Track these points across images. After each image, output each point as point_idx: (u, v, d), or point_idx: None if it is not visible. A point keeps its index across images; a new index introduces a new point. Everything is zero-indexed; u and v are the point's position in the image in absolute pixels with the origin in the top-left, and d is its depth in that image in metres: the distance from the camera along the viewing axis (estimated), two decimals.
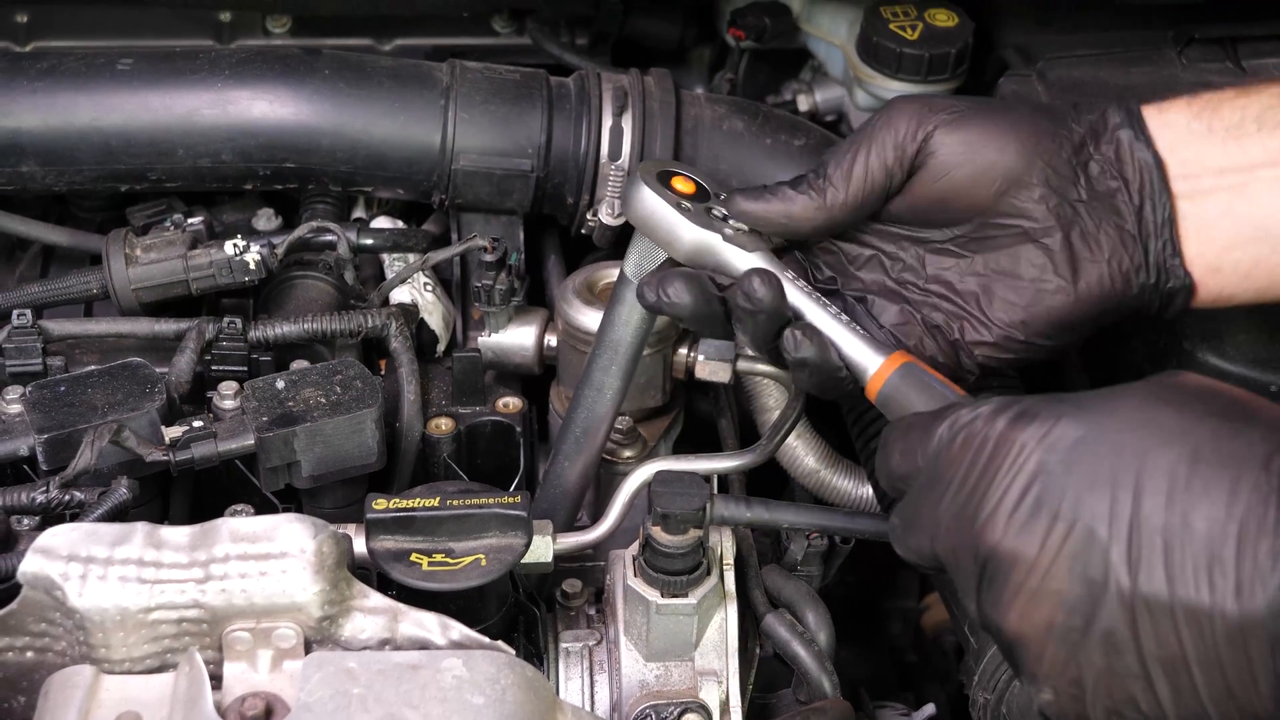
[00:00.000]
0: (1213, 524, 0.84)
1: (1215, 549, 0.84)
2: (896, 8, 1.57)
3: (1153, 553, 0.85)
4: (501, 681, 0.97)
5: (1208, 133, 1.08)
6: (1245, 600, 0.83)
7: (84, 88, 1.39)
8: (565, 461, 1.23)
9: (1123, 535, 0.86)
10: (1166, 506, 0.85)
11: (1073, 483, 0.88)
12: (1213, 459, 0.85)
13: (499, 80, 1.43)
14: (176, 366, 1.26)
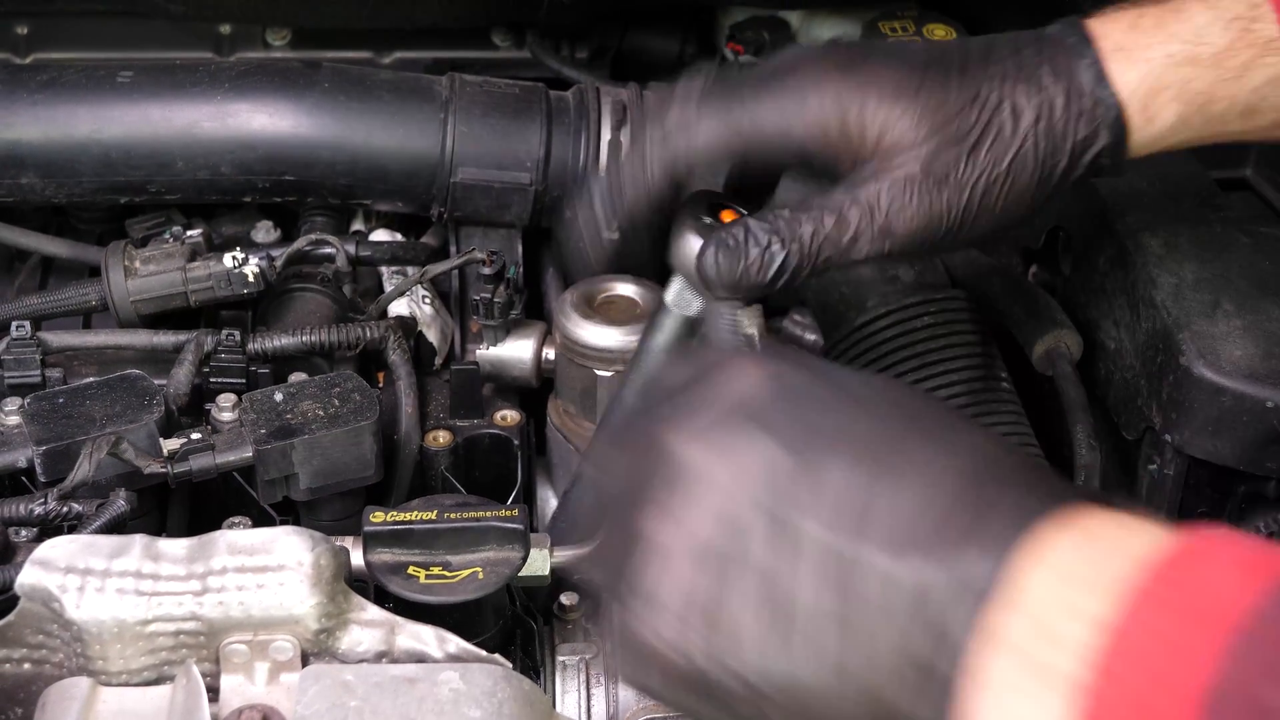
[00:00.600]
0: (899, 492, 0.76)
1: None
2: (895, 23, 1.58)
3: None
4: (498, 695, 0.97)
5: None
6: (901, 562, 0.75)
7: (84, 100, 1.39)
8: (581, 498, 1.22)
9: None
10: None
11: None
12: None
13: (498, 94, 1.43)
14: (175, 378, 1.26)
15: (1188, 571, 0.69)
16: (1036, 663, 0.70)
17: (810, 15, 1.65)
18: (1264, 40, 1.04)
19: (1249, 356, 1.21)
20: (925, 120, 1.04)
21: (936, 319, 1.40)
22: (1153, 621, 0.67)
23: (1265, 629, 0.65)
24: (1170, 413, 1.24)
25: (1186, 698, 0.65)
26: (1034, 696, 0.69)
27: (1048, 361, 1.35)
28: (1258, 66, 1.05)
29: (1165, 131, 1.07)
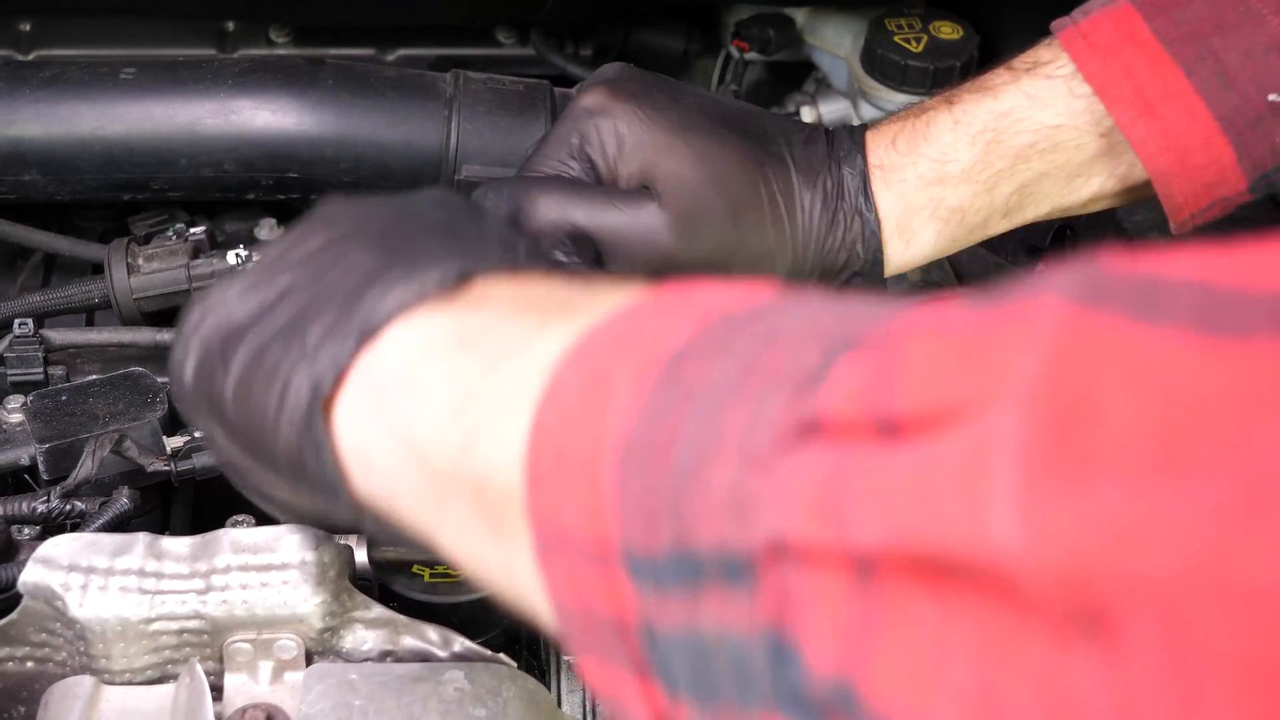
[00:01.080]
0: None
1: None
2: (901, 20, 1.58)
3: None
4: (503, 694, 0.97)
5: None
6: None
7: (86, 97, 1.39)
8: None
9: None
10: None
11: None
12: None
13: (503, 91, 1.42)
14: None
15: (672, 294, 0.69)
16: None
17: (816, 12, 1.65)
18: (1014, 151, 1.07)
19: None
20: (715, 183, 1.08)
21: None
22: (623, 324, 0.68)
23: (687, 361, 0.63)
24: None
25: (650, 362, 0.64)
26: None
27: None
28: (1010, 174, 1.08)
29: (925, 249, 1.11)
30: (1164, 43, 1.03)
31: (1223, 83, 1.02)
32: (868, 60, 1.57)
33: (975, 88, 1.10)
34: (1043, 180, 1.09)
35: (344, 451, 0.80)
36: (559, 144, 1.11)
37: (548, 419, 0.67)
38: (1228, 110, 1.02)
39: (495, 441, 0.70)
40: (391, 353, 0.78)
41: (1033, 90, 1.07)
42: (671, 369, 0.63)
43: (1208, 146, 1.03)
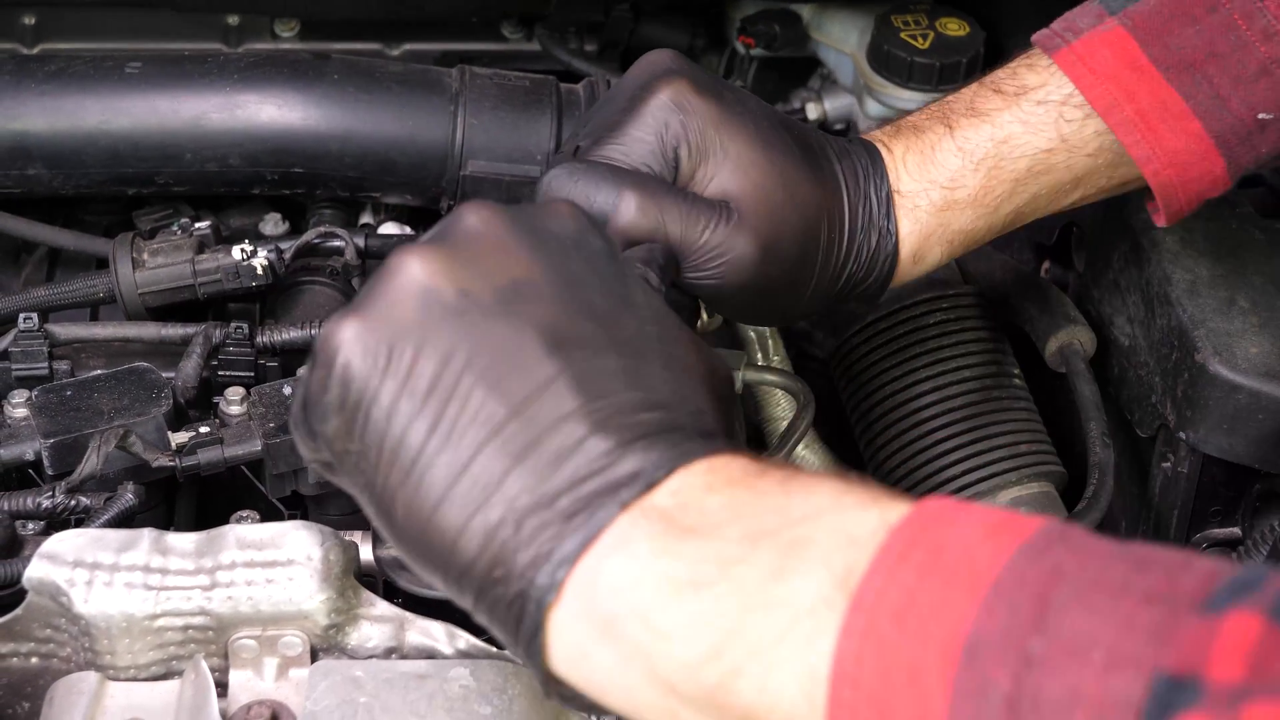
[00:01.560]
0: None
1: None
2: (908, 16, 1.57)
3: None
4: (509, 691, 0.97)
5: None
6: None
7: (91, 91, 1.39)
8: None
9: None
10: None
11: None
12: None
13: (508, 86, 1.42)
14: (183, 371, 1.25)
15: (933, 533, 0.70)
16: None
17: (822, 8, 1.64)
18: (1014, 176, 1.12)
19: (1265, 354, 1.21)
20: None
21: (948, 315, 1.39)
22: (904, 578, 0.69)
23: (1018, 583, 0.66)
24: (1185, 410, 1.23)
25: (947, 649, 0.66)
26: None
27: (1061, 359, 1.34)
28: (1009, 198, 1.13)
29: (929, 268, 1.15)
30: (1161, 69, 1.09)
31: (1218, 104, 1.09)
32: (874, 56, 1.56)
33: (970, 112, 1.13)
34: (1035, 200, 1.14)
35: (554, 648, 0.77)
36: (644, 131, 1.05)
37: (847, 698, 0.69)
38: (1222, 129, 1.10)
39: (763, 686, 0.71)
40: (614, 574, 0.75)
41: (1026, 116, 1.12)
42: (971, 663, 0.65)
43: (1204, 161, 1.11)
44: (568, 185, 1.03)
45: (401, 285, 0.81)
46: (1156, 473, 1.29)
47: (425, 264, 0.82)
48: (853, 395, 1.41)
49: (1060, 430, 1.38)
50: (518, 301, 0.81)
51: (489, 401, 0.78)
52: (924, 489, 1.33)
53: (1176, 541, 1.30)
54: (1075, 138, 1.11)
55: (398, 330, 0.80)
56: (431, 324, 0.80)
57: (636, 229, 1.02)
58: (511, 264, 0.83)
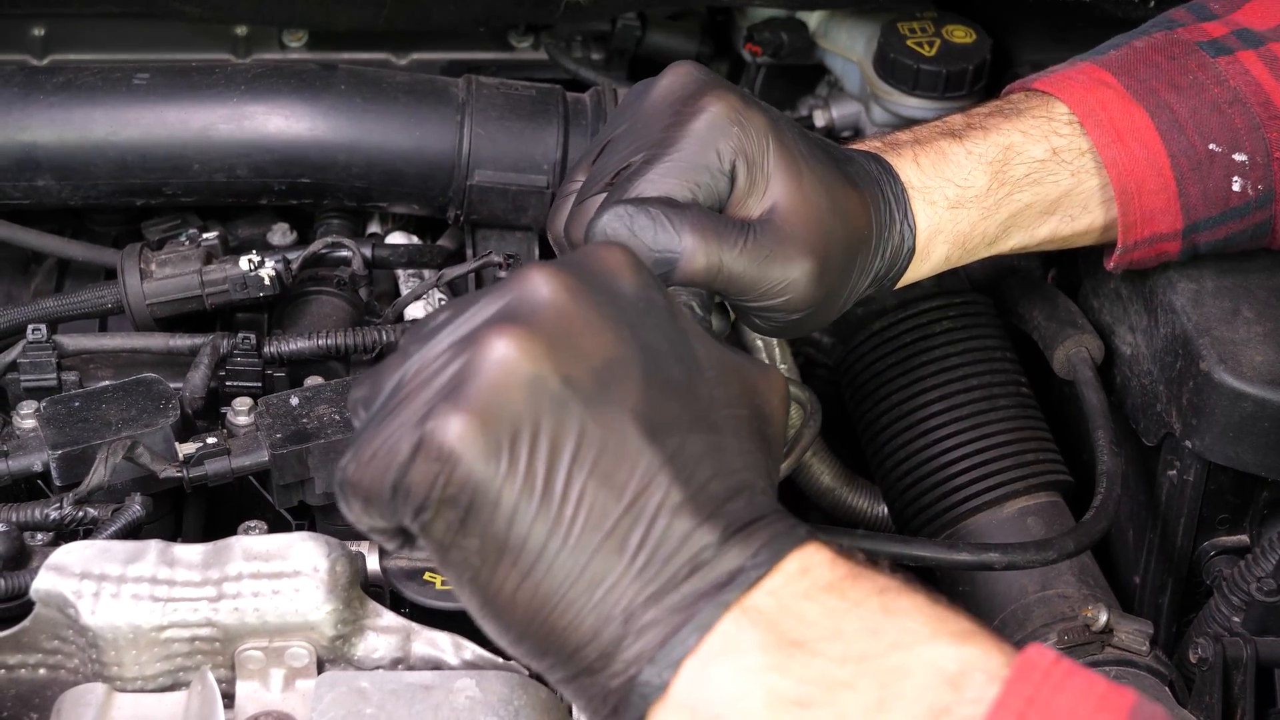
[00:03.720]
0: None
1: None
2: (914, 24, 1.57)
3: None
4: (515, 702, 0.97)
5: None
6: None
7: (100, 102, 1.39)
8: None
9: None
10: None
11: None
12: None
13: (515, 96, 1.43)
14: (190, 382, 1.25)
15: (1046, 699, 0.74)
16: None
17: (829, 17, 1.65)
18: (1013, 180, 1.18)
19: (1270, 362, 1.21)
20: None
21: (956, 323, 1.39)
22: None
23: None
24: (1190, 418, 1.23)
25: None
26: None
27: (1068, 366, 1.34)
28: (1006, 203, 1.19)
29: (931, 269, 1.19)
30: (1130, 91, 1.21)
31: (1176, 128, 1.20)
32: (880, 64, 1.57)
33: (970, 128, 1.19)
34: (1024, 212, 1.19)
35: None
36: (699, 148, 1.04)
37: None
38: (1178, 149, 1.20)
39: None
40: (722, 682, 0.78)
41: (1024, 128, 1.20)
42: None
43: (1159, 176, 1.20)
44: (623, 230, 1.01)
45: (506, 375, 0.80)
46: (1163, 481, 1.29)
47: (525, 350, 0.80)
48: (860, 403, 1.41)
49: (1067, 438, 1.38)
50: (613, 384, 0.82)
51: (601, 496, 0.80)
52: (931, 499, 1.33)
53: (1184, 549, 1.30)
54: (1065, 150, 1.19)
55: (510, 426, 0.80)
56: (542, 417, 0.80)
57: (698, 275, 1.02)
58: (601, 342, 0.83)
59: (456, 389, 0.81)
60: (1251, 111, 1.20)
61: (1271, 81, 1.21)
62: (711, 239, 1.02)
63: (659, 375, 0.83)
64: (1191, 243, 1.23)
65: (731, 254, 1.03)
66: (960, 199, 1.16)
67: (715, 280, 1.03)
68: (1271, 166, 1.21)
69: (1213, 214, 1.21)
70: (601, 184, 1.07)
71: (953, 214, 1.16)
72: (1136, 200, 1.20)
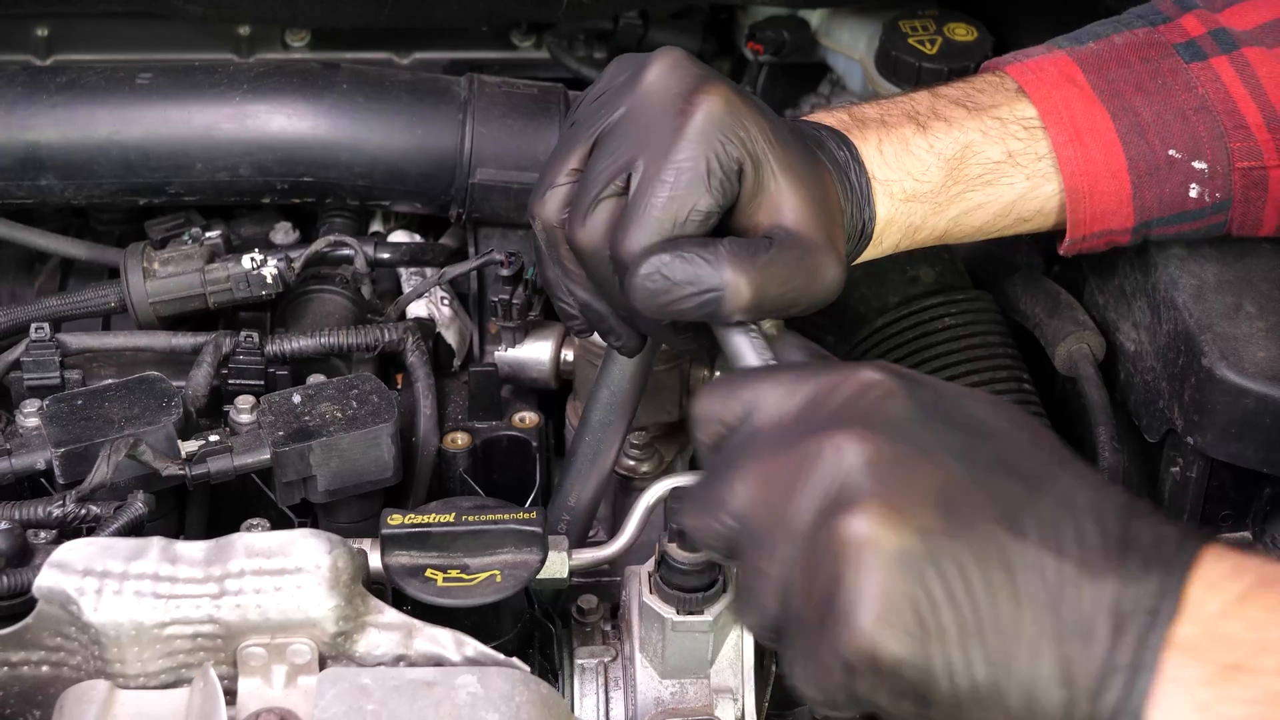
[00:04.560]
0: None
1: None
2: (915, 22, 1.58)
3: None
4: (516, 698, 0.97)
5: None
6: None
7: (103, 101, 1.39)
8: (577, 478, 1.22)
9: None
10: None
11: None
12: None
13: (517, 94, 1.43)
14: (193, 380, 1.26)
15: None
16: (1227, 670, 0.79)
17: (831, 15, 1.65)
18: (967, 180, 1.19)
19: (1272, 358, 1.21)
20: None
21: (958, 320, 1.39)
22: None
23: None
24: (1192, 415, 1.23)
25: None
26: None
27: (1070, 363, 1.34)
28: (956, 200, 1.19)
29: (878, 253, 1.19)
30: (1096, 91, 1.22)
31: (1137, 132, 1.21)
32: (882, 62, 1.57)
33: (935, 116, 1.19)
34: (976, 211, 1.21)
35: None
36: (701, 154, 1.03)
37: None
38: (1136, 154, 1.21)
39: None
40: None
41: (985, 128, 1.20)
42: None
43: (1114, 179, 1.21)
44: (662, 284, 1.02)
45: (882, 567, 0.81)
46: (1165, 477, 1.29)
47: (879, 527, 0.81)
48: None
49: (1069, 434, 1.38)
50: (958, 506, 0.83)
51: (1009, 608, 0.81)
52: None
53: None
54: (1021, 155, 1.20)
55: (911, 609, 0.81)
56: (927, 582, 0.81)
57: (745, 308, 1.03)
58: (923, 474, 0.84)
59: (849, 605, 0.82)
60: (1217, 120, 1.21)
61: (1240, 89, 1.22)
62: (750, 268, 1.02)
63: (980, 465, 0.85)
64: (1143, 235, 1.25)
65: (768, 278, 1.03)
66: (915, 193, 1.17)
67: (761, 309, 1.04)
68: (1232, 175, 1.22)
69: (1166, 215, 1.23)
70: (605, 185, 1.06)
71: (906, 206, 1.17)
72: (1087, 201, 1.21)
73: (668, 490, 1.14)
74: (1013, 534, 0.82)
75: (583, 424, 1.22)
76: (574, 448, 1.23)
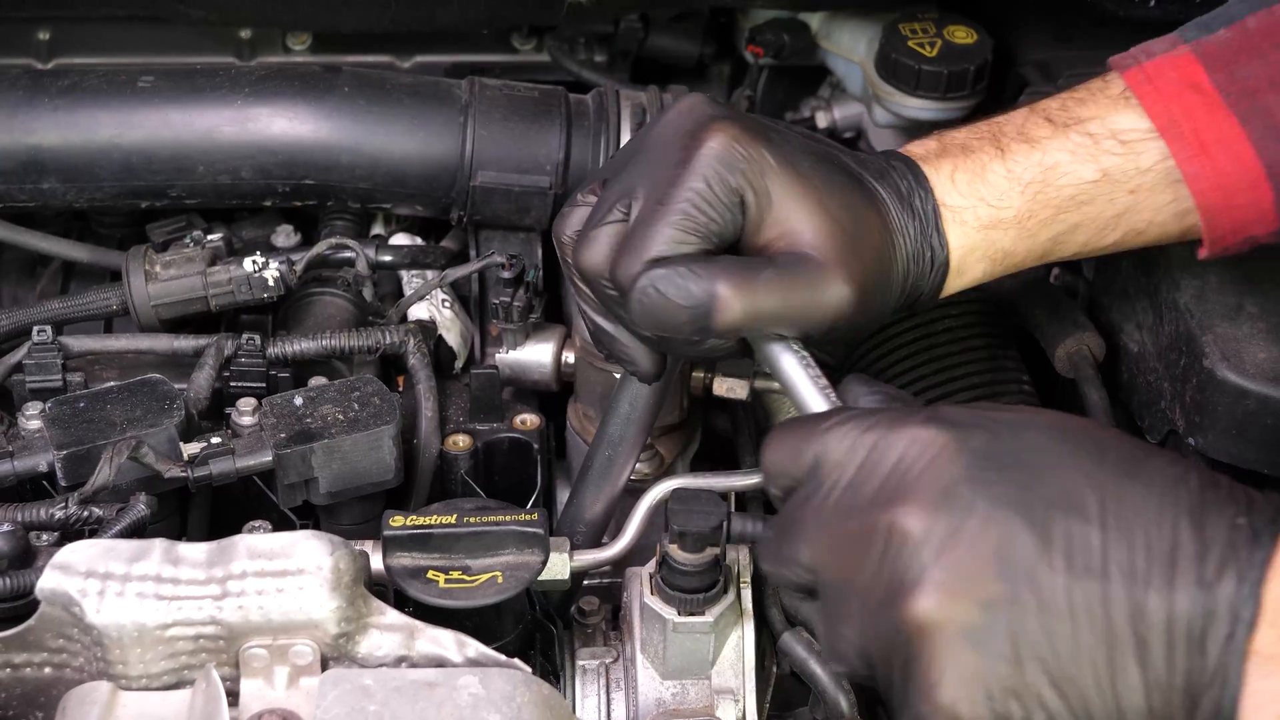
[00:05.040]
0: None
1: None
2: (915, 24, 1.58)
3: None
4: (518, 699, 0.97)
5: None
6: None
7: (105, 105, 1.40)
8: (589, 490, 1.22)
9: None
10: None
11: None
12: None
13: (518, 97, 1.43)
14: (195, 383, 1.26)
15: None
16: None
17: (831, 18, 1.65)
18: (1057, 203, 1.14)
19: (1273, 359, 1.21)
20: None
21: (958, 322, 1.40)
22: None
23: None
24: (1193, 416, 1.23)
25: None
26: None
27: (1070, 365, 1.34)
28: (1053, 223, 1.15)
29: (970, 282, 1.17)
30: (1222, 94, 1.12)
31: (1273, 135, 1.11)
32: (882, 65, 1.57)
33: (1020, 137, 1.15)
34: (1076, 230, 1.16)
35: None
36: (704, 184, 1.05)
37: None
38: (1274, 159, 1.11)
39: None
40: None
41: (1074, 147, 1.14)
42: None
43: (1252, 189, 1.12)
44: (657, 299, 1.03)
45: (949, 646, 0.86)
46: None
47: (948, 608, 0.86)
48: None
49: None
50: (1011, 565, 0.86)
51: (1081, 648, 0.85)
52: None
53: None
54: (1116, 171, 1.14)
55: (980, 678, 0.86)
56: (994, 649, 0.86)
57: (736, 321, 1.04)
58: (975, 538, 0.87)
59: (925, 685, 0.87)
60: None
61: None
62: (741, 282, 1.03)
63: (1038, 508, 0.87)
64: None
65: (764, 292, 1.04)
66: (994, 220, 1.13)
67: (756, 321, 1.04)
68: None
69: None
70: (608, 211, 1.08)
71: (988, 233, 1.14)
72: (1224, 215, 1.14)
73: (668, 492, 1.14)
74: (1072, 573, 0.85)
75: (600, 435, 1.22)
76: (590, 458, 1.23)
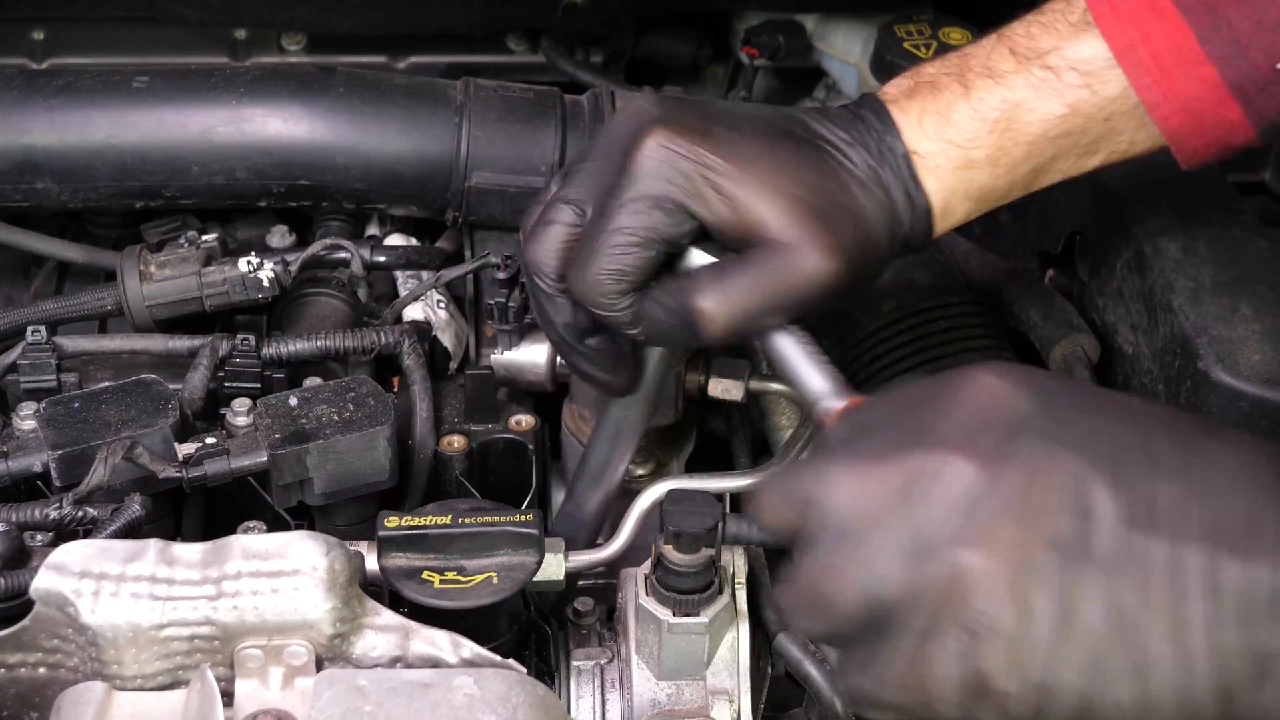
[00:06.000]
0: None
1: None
2: (910, 26, 1.58)
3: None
4: (513, 700, 0.97)
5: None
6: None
7: (100, 105, 1.40)
8: (584, 491, 1.22)
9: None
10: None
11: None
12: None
13: (513, 98, 1.43)
14: (190, 383, 1.26)
15: None
16: None
17: (826, 19, 1.65)
18: (1028, 139, 1.12)
19: (1268, 361, 1.21)
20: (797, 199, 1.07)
21: (953, 323, 1.39)
22: None
23: None
24: None
25: None
26: None
27: (1065, 366, 1.35)
28: (1028, 159, 1.13)
29: (958, 221, 1.14)
30: (1181, 10, 1.08)
31: (1236, 50, 1.08)
32: (877, 66, 1.57)
33: (985, 71, 1.12)
34: (1055, 160, 1.14)
35: None
36: (640, 196, 1.05)
37: None
38: (1238, 76, 1.09)
39: None
40: None
41: (1036, 82, 1.11)
42: None
43: (1219, 108, 1.10)
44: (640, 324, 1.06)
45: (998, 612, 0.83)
46: None
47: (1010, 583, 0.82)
48: None
49: None
50: (1089, 524, 0.83)
51: (1144, 619, 0.82)
52: None
53: None
54: (1083, 104, 1.11)
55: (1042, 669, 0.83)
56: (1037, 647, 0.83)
57: (721, 331, 1.05)
58: (1057, 496, 0.83)
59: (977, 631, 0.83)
60: None
61: None
62: (716, 290, 1.04)
63: (1101, 456, 0.84)
64: (1274, 133, 1.14)
65: (741, 293, 1.04)
66: (966, 161, 1.11)
67: (745, 321, 1.05)
68: None
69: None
70: (556, 211, 1.10)
71: (961, 175, 1.12)
72: (1192, 136, 1.12)
73: (663, 493, 1.14)
74: (1152, 528, 0.82)
75: (595, 436, 1.22)
76: (585, 459, 1.23)
